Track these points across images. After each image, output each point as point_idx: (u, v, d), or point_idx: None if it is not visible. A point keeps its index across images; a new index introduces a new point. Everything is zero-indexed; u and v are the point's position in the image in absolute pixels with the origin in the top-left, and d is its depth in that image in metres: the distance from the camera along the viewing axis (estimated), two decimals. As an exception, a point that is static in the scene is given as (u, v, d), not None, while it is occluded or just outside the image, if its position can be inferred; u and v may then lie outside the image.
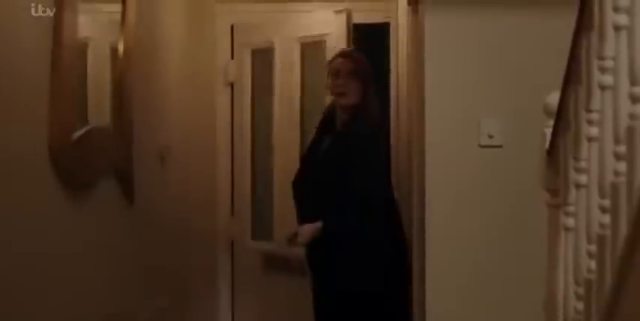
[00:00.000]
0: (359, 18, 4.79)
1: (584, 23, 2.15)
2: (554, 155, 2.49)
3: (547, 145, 2.54)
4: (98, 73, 2.86)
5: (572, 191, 2.32)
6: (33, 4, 2.14)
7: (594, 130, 2.11)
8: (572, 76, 2.28)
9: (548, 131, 2.52)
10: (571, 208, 2.35)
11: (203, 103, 4.85)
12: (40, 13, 2.16)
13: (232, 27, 5.14)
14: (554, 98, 2.48)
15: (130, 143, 3.04)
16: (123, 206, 3.04)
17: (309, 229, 3.68)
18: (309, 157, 3.90)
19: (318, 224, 3.64)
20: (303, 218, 3.80)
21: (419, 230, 3.53)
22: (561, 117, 2.39)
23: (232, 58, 5.14)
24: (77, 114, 2.41)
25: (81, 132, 2.42)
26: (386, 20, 4.83)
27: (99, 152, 2.70)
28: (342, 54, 3.87)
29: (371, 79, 3.80)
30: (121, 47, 2.97)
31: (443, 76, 3.42)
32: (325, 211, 3.67)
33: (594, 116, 2.12)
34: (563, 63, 3.27)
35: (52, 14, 2.19)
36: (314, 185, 3.75)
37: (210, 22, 5.01)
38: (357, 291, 3.65)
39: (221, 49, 5.11)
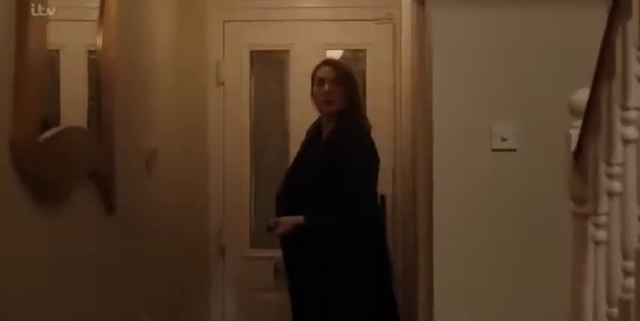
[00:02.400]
0: (360, 14, 4.70)
1: (620, 9, 1.91)
2: (581, 159, 2.26)
3: (573, 147, 2.30)
4: (76, 71, 2.71)
5: (604, 200, 2.12)
6: (33, 4, 2.08)
7: (632, 131, 1.93)
8: (605, 69, 2.06)
9: (575, 132, 2.30)
10: (602, 219, 2.15)
11: (193, 104, 4.64)
12: (39, 13, 2.11)
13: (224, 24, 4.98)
14: (581, 95, 2.27)
15: (110, 147, 2.81)
16: (102, 216, 2.79)
17: (289, 221, 3.72)
18: (295, 170, 3.92)
19: (300, 218, 3.68)
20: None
21: (426, 241, 3.37)
22: (591, 116, 2.17)
23: (224, 56, 4.96)
24: (45, 114, 2.15)
25: (50, 133, 2.16)
26: (388, 17, 4.65)
27: (74, 156, 2.47)
28: (326, 62, 3.93)
29: (356, 86, 3.87)
30: (99, 43, 2.77)
31: (452, 75, 3.27)
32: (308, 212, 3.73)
33: (632, 114, 1.94)
34: (584, 59, 3.10)
35: (52, 14, 2.15)
36: (301, 198, 3.76)
37: (202, 18, 4.79)
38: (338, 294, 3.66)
39: (213, 47, 4.89)
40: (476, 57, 3.25)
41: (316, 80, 3.83)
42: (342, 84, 3.76)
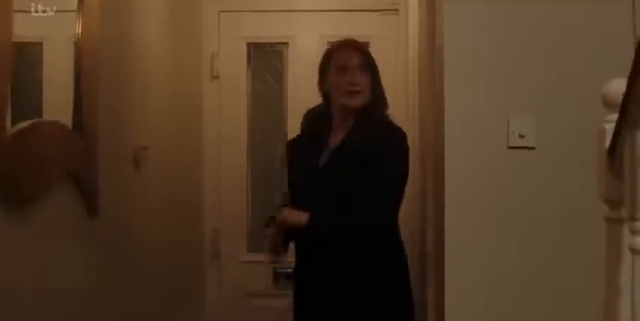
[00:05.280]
0: (363, 4, 4.57)
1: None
2: (617, 158, 2.03)
3: (607, 144, 2.08)
4: (60, 64, 2.61)
5: (644, 203, 1.92)
6: (33, 4, 2.08)
7: (680, 124, 1.70)
8: (647, 55, 1.80)
9: (610, 127, 2.07)
10: (640, 225, 1.95)
11: (187, 99, 4.46)
12: (40, 13, 2.11)
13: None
14: (616, 86, 2.03)
15: (92, 144, 2.59)
16: (83, 219, 2.57)
17: (292, 214, 3.04)
18: (307, 176, 3.17)
19: (304, 216, 3.00)
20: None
21: (437, 243, 3.18)
22: (629, 109, 1.93)
23: (219, 48, 4.78)
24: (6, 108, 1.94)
25: (20, 127, 1.94)
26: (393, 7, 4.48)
27: (49, 153, 2.24)
28: (346, 45, 3.23)
29: (379, 74, 3.21)
30: (78, 32, 2.61)
31: (465, 67, 3.08)
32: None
33: (681, 105, 1.68)
34: (609, 51, 2.90)
35: (52, 14, 2.15)
36: (313, 203, 3.08)
37: (196, 9, 4.61)
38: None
39: (207, 39, 4.70)
40: (491, 47, 3.03)
41: (334, 67, 3.14)
42: (369, 72, 3.15)
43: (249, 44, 4.76)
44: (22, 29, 2.18)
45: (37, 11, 2.09)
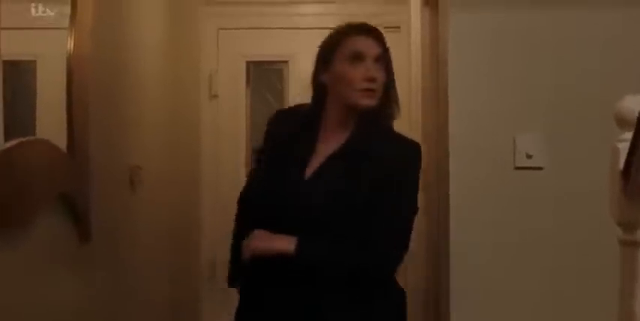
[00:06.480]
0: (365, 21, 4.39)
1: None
2: (631, 178, 1.95)
3: (621, 165, 2.00)
4: (55, 82, 2.51)
5: (660, 225, 1.84)
6: (33, 5, 2.07)
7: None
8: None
9: (623, 146, 1.99)
10: (658, 249, 1.86)
11: (184, 118, 4.37)
12: (40, 14, 2.08)
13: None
14: (630, 103, 1.97)
15: (84, 164, 2.49)
16: (74, 244, 2.47)
17: (274, 238, 2.33)
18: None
19: (291, 243, 2.27)
20: None
21: (442, 268, 3.01)
22: (644, 127, 1.85)
23: (218, 67, 4.70)
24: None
25: (6, 146, 1.85)
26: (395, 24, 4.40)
27: (40, 174, 2.15)
28: (362, 28, 2.50)
29: (393, 70, 2.45)
30: (70, 49, 2.51)
31: (470, 84, 3.04)
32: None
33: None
34: (619, 65, 2.83)
35: (52, 14, 2.13)
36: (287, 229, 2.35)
37: (194, 26, 4.53)
38: None
39: (206, 57, 4.62)
40: (497, 63, 3.00)
41: (345, 56, 2.39)
42: (385, 66, 2.41)
43: (248, 62, 4.72)
44: (16, 47, 2.10)
45: (37, 12, 2.06)
